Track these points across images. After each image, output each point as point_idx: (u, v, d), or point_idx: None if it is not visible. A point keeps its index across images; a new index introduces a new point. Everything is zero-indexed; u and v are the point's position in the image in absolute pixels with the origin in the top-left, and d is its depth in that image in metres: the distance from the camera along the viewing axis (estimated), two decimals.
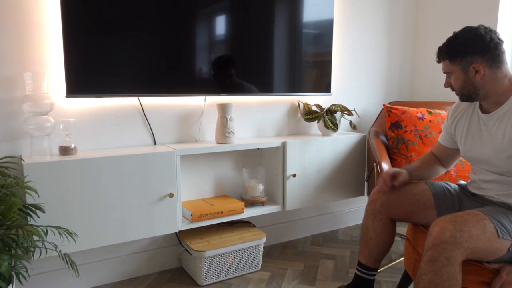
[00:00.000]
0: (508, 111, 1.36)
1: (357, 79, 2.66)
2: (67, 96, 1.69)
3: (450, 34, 1.43)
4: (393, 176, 1.61)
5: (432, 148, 1.75)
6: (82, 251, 1.90)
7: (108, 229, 1.70)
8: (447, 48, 1.39)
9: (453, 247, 1.23)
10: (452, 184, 1.66)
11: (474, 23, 1.42)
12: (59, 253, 1.49)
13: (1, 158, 1.54)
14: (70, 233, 1.50)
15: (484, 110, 1.47)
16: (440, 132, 2.16)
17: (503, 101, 1.38)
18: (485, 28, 1.35)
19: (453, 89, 1.46)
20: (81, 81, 1.71)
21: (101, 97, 1.78)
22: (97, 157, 1.65)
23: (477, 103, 1.50)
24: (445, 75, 1.47)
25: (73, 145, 1.72)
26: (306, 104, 2.39)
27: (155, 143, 2.02)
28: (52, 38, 1.72)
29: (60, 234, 1.47)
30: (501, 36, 1.36)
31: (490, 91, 1.38)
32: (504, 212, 1.34)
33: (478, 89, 1.38)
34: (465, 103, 1.55)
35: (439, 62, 1.45)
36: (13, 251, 1.30)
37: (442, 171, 1.71)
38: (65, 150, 1.70)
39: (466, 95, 1.43)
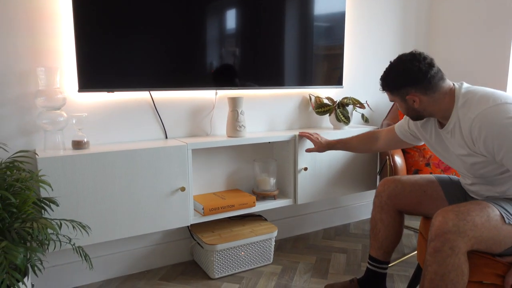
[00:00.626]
0: (454, 124, 1.37)
1: (369, 72, 2.63)
2: (79, 91, 1.71)
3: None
4: (310, 138, 1.96)
5: (381, 130, 1.80)
6: (96, 244, 1.92)
7: (120, 222, 1.72)
8: (384, 82, 1.46)
9: (457, 237, 1.22)
10: (456, 177, 1.65)
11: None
12: (73, 246, 1.51)
13: (16, 153, 1.56)
14: (83, 226, 1.52)
15: (440, 124, 1.48)
16: None
17: (448, 116, 1.39)
18: (414, 57, 1.38)
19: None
20: (93, 76, 1.72)
21: (113, 91, 1.79)
22: (110, 151, 1.67)
23: (436, 120, 1.50)
24: None
25: (85, 140, 1.73)
26: (317, 97, 2.37)
27: (166, 137, 2.03)
28: (65, 33, 1.73)
29: (73, 227, 1.49)
30: (431, 57, 1.39)
31: (433, 112, 1.42)
32: (506, 200, 1.34)
33: (421, 113, 1.44)
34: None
35: (383, 91, 1.50)
36: (28, 244, 1.32)
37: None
38: (78, 145, 1.71)
39: (413, 117, 1.50)
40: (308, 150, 1.97)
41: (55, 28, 1.72)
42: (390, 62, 1.44)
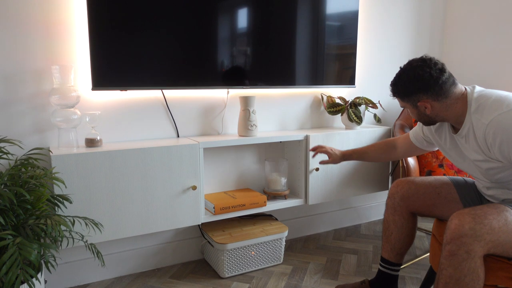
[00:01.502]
0: (468, 130, 1.35)
1: (382, 72, 2.60)
2: (92, 89, 1.72)
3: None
4: (324, 152, 1.81)
5: (397, 137, 1.76)
6: (108, 242, 1.94)
7: (132, 220, 1.73)
8: (394, 89, 1.43)
9: (473, 241, 1.20)
10: (471, 179, 1.63)
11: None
12: (86, 243, 1.52)
13: (30, 150, 1.58)
14: (96, 224, 1.54)
15: (453, 129, 1.46)
16: None
17: (462, 121, 1.37)
18: (424, 63, 1.34)
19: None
20: (106, 74, 1.73)
21: (125, 89, 1.80)
22: (122, 149, 1.68)
23: (449, 124, 1.48)
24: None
25: (98, 137, 1.75)
26: (329, 97, 2.36)
27: (178, 136, 2.03)
28: (79, 32, 1.75)
29: (86, 224, 1.50)
30: (442, 62, 1.36)
31: (446, 117, 1.39)
32: None
33: (433, 118, 1.41)
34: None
35: (393, 97, 1.48)
36: (42, 240, 1.33)
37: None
38: (91, 142, 1.73)
39: (426, 123, 1.46)
40: (322, 162, 1.84)
41: (70, 28, 1.73)
42: (400, 67, 1.42)
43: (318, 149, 1.84)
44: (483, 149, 1.31)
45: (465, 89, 1.38)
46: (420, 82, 1.34)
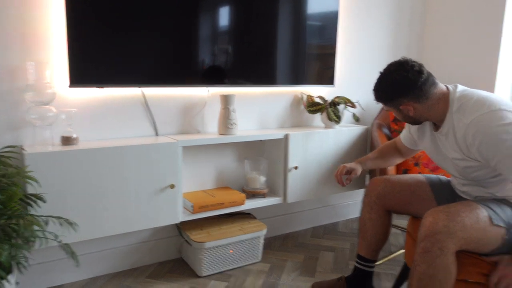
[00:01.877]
0: (448, 129, 1.39)
1: (361, 72, 2.64)
2: (70, 86, 1.69)
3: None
4: (348, 172, 1.74)
5: (395, 139, 1.79)
6: (83, 242, 1.91)
7: (109, 219, 1.70)
8: (376, 94, 1.45)
9: (446, 238, 1.23)
10: (446, 178, 1.67)
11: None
12: (60, 243, 1.49)
13: (3, 148, 1.54)
14: (71, 223, 1.51)
15: (434, 127, 1.50)
16: None
17: (443, 119, 1.41)
18: (400, 67, 1.37)
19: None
20: (84, 71, 1.70)
21: (103, 87, 1.77)
22: (99, 147, 1.65)
23: (431, 123, 1.52)
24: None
25: (75, 135, 1.71)
26: (309, 96, 2.37)
27: (157, 134, 2.01)
28: (55, 27, 1.71)
29: (61, 224, 1.47)
30: (419, 63, 1.38)
31: (429, 117, 1.43)
32: (495, 202, 1.35)
33: (418, 119, 1.45)
34: None
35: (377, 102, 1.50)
36: (13, 241, 1.30)
37: (399, 161, 1.78)
38: (67, 140, 1.69)
39: (412, 123, 1.50)
40: (349, 179, 1.74)
41: (46, 22, 1.69)
42: (380, 72, 1.44)
43: (340, 176, 1.73)
44: (462, 148, 1.35)
45: (447, 88, 1.40)
46: (399, 87, 1.37)
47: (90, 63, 1.70)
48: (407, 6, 2.74)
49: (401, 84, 1.36)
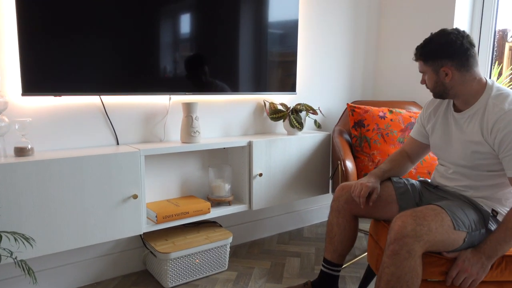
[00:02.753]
0: (477, 111, 1.44)
1: (322, 79, 2.70)
2: (23, 95, 1.62)
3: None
4: (369, 194, 1.61)
5: (403, 145, 1.79)
6: (41, 257, 1.82)
7: (68, 233, 1.63)
8: (422, 50, 1.46)
9: (414, 241, 1.28)
10: (412, 180, 1.73)
11: (431, 28, 1.49)
12: (15, 260, 1.41)
13: None
14: (27, 238, 1.43)
15: (456, 109, 1.54)
16: (401, 131, 2.23)
17: (472, 102, 1.46)
18: (458, 33, 1.42)
19: (427, 87, 1.53)
20: (38, 79, 1.63)
21: (60, 95, 1.71)
22: (56, 158, 1.58)
23: (451, 102, 1.57)
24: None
25: (29, 146, 1.64)
26: (272, 103, 2.40)
27: (118, 143, 1.96)
28: (6, 32, 1.63)
29: (15, 239, 1.40)
30: (474, 41, 1.44)
31: (459, 92, 1.46)
32: (460, 205, 1.41)
33: (448, 90, 1.46)
34: (437, 101, 1.63)
35: (416, 60, 1.52)
36: None
37: (410, 167, 1.77)
38: (20, 151, 1.62)
39: (438, 94, 1.50)
40: (373, 201, 1.60)
41: None
42: (431, 33, 1.46)
43: (363, 197, 1.59)
44: (485, 132, 1.39)
45: (485, 78, 1.46)
46: (450, 48, 1.39)
47: (45, 70, 1.64)
48: (364, 15, 2.84)
49: (454, 46, 1.39)
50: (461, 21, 2.47)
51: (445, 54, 1.41)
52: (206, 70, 2.08)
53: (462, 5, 2.46)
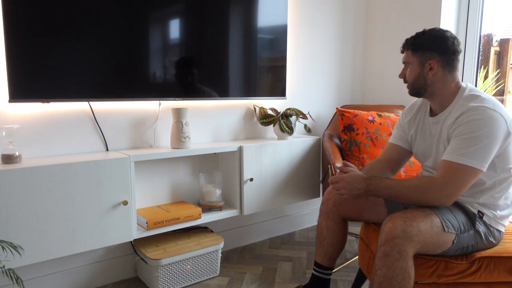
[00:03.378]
0: (450, 113, 1.45)
1: (311, 84, 2.72)
2: (10, 101, 1.60)
3: (398, 41, 1.50)
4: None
5: (381, 155, 1.75)
6: (29, 265, 1.79)
7: (57, 241, 1.61)
8: (414, 40, 1.48)
9: (404, 242, 1.29)
10: None
11: (418, 29, 1.52)
12: (3, 269, 1.39)
13: None
14: (15, 247, 1.41)
15: (432, 113, 1.56)
16: (390, 134, 2.25)
17: (447, 105, 1.48)
18: (451, 34, 1.46)
19: (405, 81, 1.54)
20: (25, 85, 1.62)
21: (48, 101, 1.70)
22: (44, 165, 1.57)
23: (428, 107, 1.58)
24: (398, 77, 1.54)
25: (17, 153, 1.62)
26: (262, 108, 2.41)
27: (107, 150, 1.95)
28: None
29: (3, 248, 1.37)
30: (461, 48, 1.48)
31: (437, 91, 1.47)
32: (449, 208, 1.43)
33: (428, 86, 1.47)
34: (418, 104, 1.65)
35: (402, 52, 1.54)
36: None
37: (390, 176, 1.70)
38: (8, 159, 1.60)
39: (416, 89, 1.51)
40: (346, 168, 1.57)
41: None
42: (425, 29, 1.48)
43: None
44: (450, 132, 1.40)
45: (461, 83, 1.48)
46: (442, 43, 1.42)
47: (32, 76, 1.63)
48: (351, 21, 2.88)
49: (446, 42, 1.42)
50: (447, 26, 2.51)
51: (436, 48, 1.44)
52: (196, 76, 2.08)
53: (448, 10, 2.50)
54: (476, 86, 2.54)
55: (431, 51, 1.44)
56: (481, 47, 2.52)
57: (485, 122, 1.33)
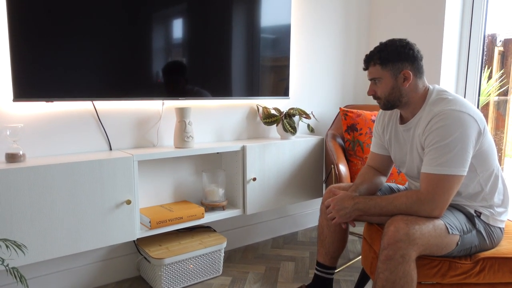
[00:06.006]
0: (420, 119, 1.44)
1: (314, 83, 2.71)
2: (14, 100, 1.61)
3: (400, 35, 1.49)
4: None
5: (368, 161, 1.75)
6: (33, 264, 1.80)
7: (60, 240, 1.62)
8: (380, 54, 1.43)
9: (407, 245, 1.28)
10: (400, 186, 1.74)
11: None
12: (7, 268, 1.40)
13: None
14: (18, 246, 1.42)
15: (401, 121, 1.54)
16: None
17: (416, 112, 1.46)
18: (408, 42, 1.44)
19: (375, 97, 1.50)
20: (30, 84, 1.62)
21: (52, 101, 1.70)
22: (48, 164, 1.57)
23: (398, 115, 1.57)
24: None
25: (21, 152, 1.63)
26: (265, 108, 2.41)
27: (111, 149, 1.95)
28: None
29: (7, 246, 1.38)
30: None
31: (410, 100, 1.45)
32: (449, 210, 1.42)
33: (403, 96, 1.44)
34: (389, 112, 1.62)
35: (366, 69, 1.49)
36: None
37: (384, 179, 1.71)
38: (12, 158, 1.60)
39: (391, 102, 1.46)
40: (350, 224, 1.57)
41: None
42: (381, 42, 1.46)
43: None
44: (423, 138, 1.39)
45: (428, 86, 1.47)
46: (410, 51, 1.41)
47: (36, 76, 1.63)
48: (354, 20, 2.87)
49: (413, 50, 1.41)
50: (451, 26, 2.51)
51: (406, 57, 1.41)
52: (199, 75, 2.08)
53: (452, 10, 2.49)
54: (480, 86, 2.53)
55: (402, 61, 1.41)
56: (485, 47, 2.51)
57: (454, 126, 1.31)
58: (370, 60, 1.46)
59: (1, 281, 1.74)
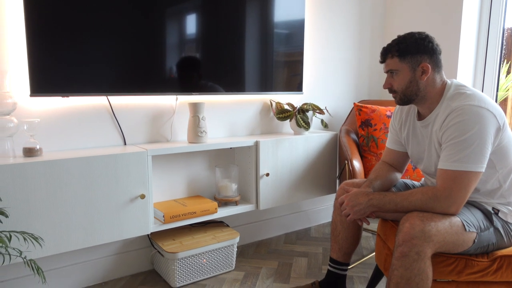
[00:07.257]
0: (437, 115, 1.41)
1: (328, 78, 2.69)
2: (31, 96, 1.63)
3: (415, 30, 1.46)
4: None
5: (383, 157, 1.72)
6: (49, 256, 1.83)
7: (76, 233, 1.64)
8: (398, 46, 1.41)
9: (423, 242, 1.26)
10: (416, 182, 1.71)
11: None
12: (24, 259, 1.42)
13: None
14: (35, 238, 1.44)
15: (419, 117, 1.52)
16: None
17: (433, 107, 1.44)
18: (427, 35, 1.41)
19: (391, 91, 1.47)
20: (46, 80, 1.65)
21: (67, 96, 1.72)
22: (64, 158, 1.60)
23: (415, 111, 1.54)
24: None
25: (38, 146, 1.65)
26: (278, 103, 2.40)
27: (125, 144, 1.97)
28: (14, 33, 1.65)
29: (25, 239, 1.41)
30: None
31: (428, 94, 1.43)
32: (466, 207, 1.40)
33: (420, 91, 1.42)
34: (406, 107, 1.59)
35: (383, 61, 1.47)
36: None
37: (399, 175, 1.68)
38: (29, 152, 1.63)
39: (408, 96, 1.44)
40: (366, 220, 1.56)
41: (4, 28, 1.63)
42: (399, 35, 1.43)
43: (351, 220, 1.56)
44: (440, 134, 1.37)
45: (446, 80, 1.44)
46: (429, 44, 1.39)
47: (53, 71, 1.65)
48: (369, 14, 2.83)
49: (432, 43, 1.39)
50: (469, 20, 2.45)
51: (425, 50, 1.39)
52: (212, 71, 2.08)
53: (470, 3, 2.44)
54: (498, 81, 2.47)
55: (421, 54, 1.39)
56: (504, 41, 2.45)
57: (472, 122, 1.28)
58: (388, 52, 1.44)
59: (19, 273, 1.77)
